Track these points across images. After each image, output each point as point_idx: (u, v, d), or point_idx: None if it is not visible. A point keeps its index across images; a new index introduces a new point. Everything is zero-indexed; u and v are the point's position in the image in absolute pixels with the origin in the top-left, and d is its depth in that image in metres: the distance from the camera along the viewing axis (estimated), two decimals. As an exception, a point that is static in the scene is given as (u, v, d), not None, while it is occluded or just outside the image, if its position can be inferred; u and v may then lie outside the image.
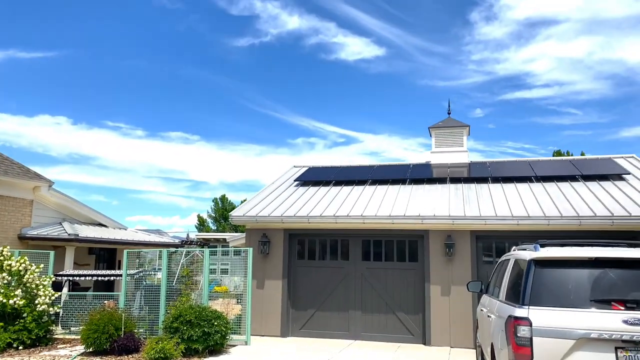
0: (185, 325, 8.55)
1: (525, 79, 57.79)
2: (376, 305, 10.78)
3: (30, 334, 10.05)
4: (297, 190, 12.82)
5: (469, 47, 57.19)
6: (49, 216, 13.92)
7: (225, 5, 59.01)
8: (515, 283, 5.00)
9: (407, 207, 10.77)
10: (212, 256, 32.97)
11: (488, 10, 54.31)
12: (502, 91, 59.58)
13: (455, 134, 14.29)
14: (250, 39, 62.34)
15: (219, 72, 66.08)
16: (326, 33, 60.06)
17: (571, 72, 57.12)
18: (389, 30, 57.22)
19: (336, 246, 11.26)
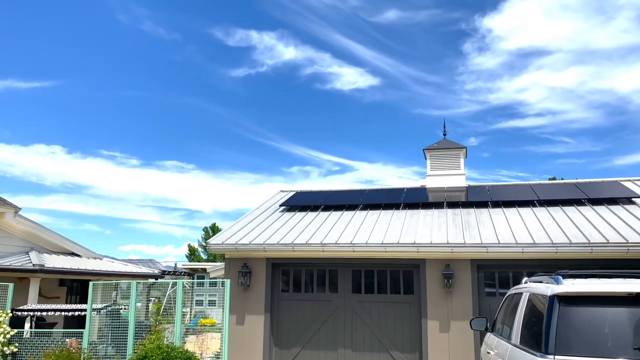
0: (151, 369, 7.54)
1: (518, 108, 57.91)
2: (368, 343, 9.81)
3: (-22, 377, 8.98)
4: (282, 216, 11.95)
5: (463, 77, 57.40)
6: (15, 245, 12.93)
7: (222, 36, 59.38)
8: (531, 323, 4.13)
9: (402, 234, 9.91)
10: (199, 287, 31.75)
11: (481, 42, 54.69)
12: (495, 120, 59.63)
13: (452, 155, 13.55)
14: (246, 69, 62.65)
15: (214, 102, 66.27)
16: (321, 63, 60.35)
17: (563, 102, 57.30)
18: (383, 61, 57.51)
19: (324, 277, 10.35)
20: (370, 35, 55.10)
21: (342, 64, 60.01)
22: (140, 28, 59.77)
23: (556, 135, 56.37)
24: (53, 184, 65.20)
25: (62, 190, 65.73)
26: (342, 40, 55.78)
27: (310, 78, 62.79)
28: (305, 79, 62.77)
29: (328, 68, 60.75)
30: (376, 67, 58.59)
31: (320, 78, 62.53)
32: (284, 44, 60.04)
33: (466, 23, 53.63)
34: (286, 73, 63.01)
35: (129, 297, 15.03)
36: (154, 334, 8.99)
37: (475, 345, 9.07)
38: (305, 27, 56.68)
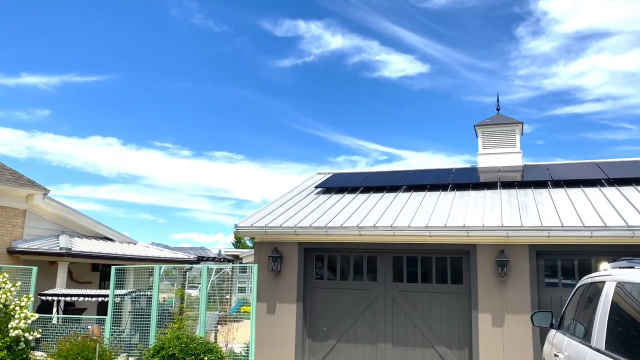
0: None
1: (575, 93, 54.77)
2: (411, 337, 8.88)
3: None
4: (317, 199, 11.12)
5: (516, 62, 54.73)
6: (46, 228, 12.72)
7: (270, 27, 59.25)
8: (623, 322, 3.12)
9: (449, 217, 8.89)
10: (242, 274, 31.52)
11: (535, 25, 51.85)
12: (550, 106, 56.67)
13: (506, 132, 12.32)
14: (293, 59, 62.58)
15: (262, 92, 66.68)
16: (369, 51, 59.24)
17: (625, 86, 53.69)
18: (433, 47, 55.69)
19: (361, 264, 9.46)
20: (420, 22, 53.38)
21: (390, 52, 58.59)
22: (191, 21, 60.50)
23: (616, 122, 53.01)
24: (109, 174, 67.95)
25: (117, 180, 68.53)
26: (390, 27, 54.32)
27: (358, 66, 61.83)
28: (352, 67, 61.86)
29: (376, 56, 59.55)
30: (426, 53, 56.84)
31: (367, 66, 61.41)
32: (331, 32, 59.21)
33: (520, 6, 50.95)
34: (333, 62, 62.35)
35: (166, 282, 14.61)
36: (177, 322, 8.39)
37: (535, 343, 8.00)
38: (353, 15, 55.54)
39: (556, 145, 56.80)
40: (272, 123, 68.60)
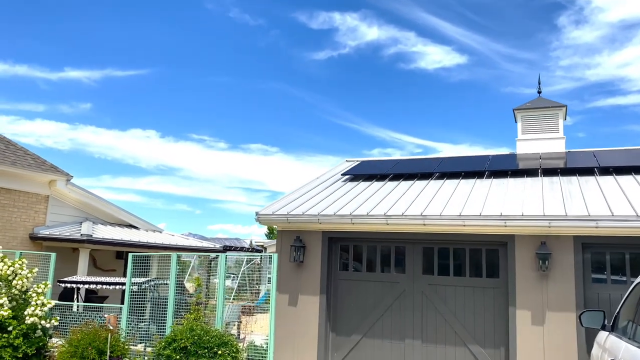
0: (179, 353, 6.53)
1: (620, 84, 52.34)
2: (442, 333, 8.28)
3: (15, 351, 8.52)
4: (344, 186, 10.58)
5: (557, 53, 52.67)
6: (70, 214, 12.62)
7: (305, 19, 59.00)
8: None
9: (485, 205, 8.22)
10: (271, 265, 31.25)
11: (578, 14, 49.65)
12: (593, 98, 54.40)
13: (548, 116, 11.48)
14: (329, 51, 62.34)
15: (297, 85, 66.86)
16: (405, 42, 58.27)
17: (674, 74, 50.99)
18: (471, 38, 54.21)
19: (389, 255, 8.89)
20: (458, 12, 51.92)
21: (427, 43, 57.42)
22: (228, 15, 60.91)
23: (663, 113, 50.42)
24: (148, 166, 69.90)
25: (156, 172, 70.51)
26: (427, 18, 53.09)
27: (394, 58, 60.95)
28: (388, 59, 61.02)
29: (412, 47, 58.51)
30: (463, 44, 55.40)
31: (403, 58, 60.45)
32: (367, 24, 58.44)
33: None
34: (369, 54, 61.69)
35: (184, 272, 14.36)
36: (193, 312, 8.03)
37: (579, 344, 7.29)
38: (389, 6, 54.51)
39: (599, 137, 54.60)
40: (306, 115, 68.75)
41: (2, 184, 10.85)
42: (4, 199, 10.89)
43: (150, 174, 70.74)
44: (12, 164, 10.83)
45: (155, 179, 71.26)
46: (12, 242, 11.03)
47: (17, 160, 11.13)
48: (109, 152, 66.62)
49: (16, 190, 11.19)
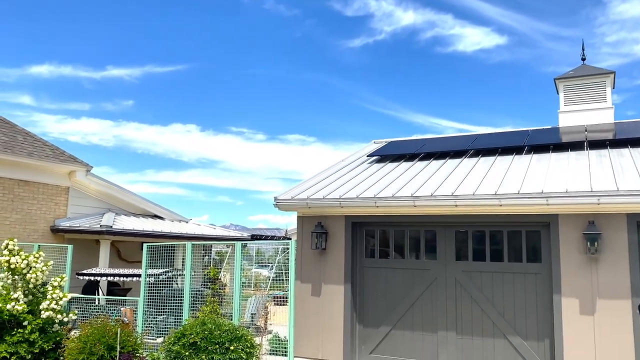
0: (188, 349, 6.09)
1: (671, 59, 49.28)
2: (478, 324, 7.58)
3: (31, 346, 8.32)
4: (369, 168, 9.94)
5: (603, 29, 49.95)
6: (92, 206, 12.45)
7: (340, 7, 58.32)
8: None
9: (524, 182, 7.44)
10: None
11: (624, -16, 46.91)
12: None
13: (594, 84, 10.49)
14: (364, 38, 61.65)
15: (334, 74, 66.66)
16: (442, 26, 56.76)
17: None
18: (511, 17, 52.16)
19: (418, 240, 8.22)
20: (497, -9, 49.96)
21: (465, 25, 55.69)
22: (262, 7, 60.87)
23: None
24: (189, 160, 71.80)
25: (197, 165, 72.43)
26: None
27: (431, 42, 59.56)
28: (425, 43, 59.66)
29: (450, 30, 56.93)
30: (503, 25, 53.39)
31: (441, 41, 58.96)
32: (403, 8, 57.12)
33: (607, -37, 46.16)
34: (405, 39, 60.51)
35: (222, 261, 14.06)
36: (208, 305, 7.60)
37: (638, 336, 6.48)
38: (426, -12, 52.93)
39: (649, 115, 51.59)
40: (343, 104, 68.44)
41: (20, 175, 10.72)
42: (23, 191, 10.76)
43: (191, 167, 72.85)
44: (28, 155, 10.67)
45: (197, 172, 73.45)
46: (33, 235, 10.92)
47: (35, 151, 10.97)
48: (152, 147, 68.96)
49: (35, 182, 11.05)
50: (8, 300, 8.33)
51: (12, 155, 10.30)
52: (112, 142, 69.15)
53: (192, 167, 73.01)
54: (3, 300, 8.32)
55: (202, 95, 69.10)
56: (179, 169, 72.50)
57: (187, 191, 72.29)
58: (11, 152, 10.32)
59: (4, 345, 8.18)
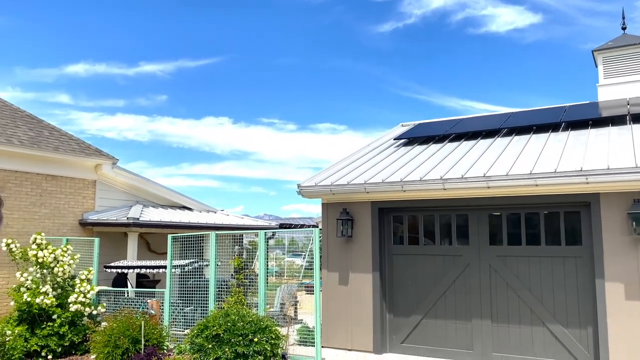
0: (211, 341, 5.95)
1: None
2: (515, 312, 7.22)
3: (61, 339, 8.37)
4: (397, 152, 9.59)
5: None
6: (120, 199, 12.50)
7: None
8: None
9: (561, 160, 6.99)
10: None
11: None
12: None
13: (636, 54, 9.82)
14: (393, 22, 60.76)
15: (363, 60, 66.17)
16: (474, 6, 55.31)
17: None
18: None
19: (449, 225, 7.88)
20: (529, -32, 48.25)
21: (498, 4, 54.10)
22: None
23: None
24: (223, 152, 73.28)
25: (230, 157, 73.97)
26: (497, -22, 49.80)
27: (462, 24, 58.18)
28: (456, 25, 58.31)
29: (482, 10, 55.43)
30: (537, 2, 51.55)
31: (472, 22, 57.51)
32: (433, -11, 55.87)
33: None
34: (435, 22, 59.30)
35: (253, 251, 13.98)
36: (233, 295, 7.46)
37: (689, 323, 6.01)
38: (454, -31, 51.62)
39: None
40: (374, 90, 67.85)
41: (48, 170, 10.80)
42: (50, 185, 10.84)
43: (225, 159, 74.30)
44: (55, 149, 10.73)
45: (230, 164, 74.96)
46: (62, 229, 11.02)
47: (60, 145, 11.04)
48: (186, 141, 70.58)
49: (62, 177, 11.13)
50: (37, 294, 8.39)
51: (39, 150, 10.39)
52: (147, 137, 70.83)
53: (226, 159, 74.24)
54: (32, 294, 8.39)
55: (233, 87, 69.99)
56: (213, 161, 73.85)
57: (222, 183, 73.54)
58: (37, 147, 10.40)
59: (35, 338, 8.27)
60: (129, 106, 70.77)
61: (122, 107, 70.56)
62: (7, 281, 10.10)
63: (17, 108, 11.88)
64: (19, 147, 10.12)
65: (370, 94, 70.10)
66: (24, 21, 53.02)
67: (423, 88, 65.33)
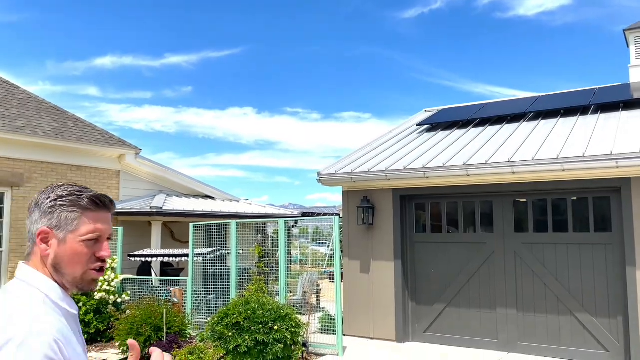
0: (232, 329, 5.96)
1: None
2: (541, 301, 7.04)
3: (87, 327, 8.50)
4: (419, 138, 9.43)
5: None
6: (143, 188, 12.63)
7: None
8: None
9: (590, 144, 6.76)
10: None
11: None
12: None
13: (671, 32, 9.41)
14: (419, 8, 60.00)
15: (388, 47, 65.79)
16: None
17: None
18: None
19: (473, 212, 7.72)
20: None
21: (526, -14, 52.78)
22: None
23: None
24: (248, 142, 74.08)
25: (255, 147, 74.69)
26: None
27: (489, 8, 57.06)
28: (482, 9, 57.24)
29: (510, -7, 54.17)
30: (567, -18, 50.11)
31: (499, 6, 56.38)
32: (458, -27, 54.84)
33: None
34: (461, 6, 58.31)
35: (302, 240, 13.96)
36: (255, 283, 7.46)
37: None
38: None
39: None
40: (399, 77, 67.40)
41: (72, 161, 10.96)
42: (75, 176, 11.01)
43: (250, 149, 75.36)
44: (78, 140, 10.88)
45: (256, 153, 76.06)
46: (87, 219, 11.19)
47: (84, 136, 11.18)
48: (212, 131, 71.87)
49: (87, 167, 11.29)
50: (63, 283, 8.54)
51: (63, 140, 10.54)
52: (173, 129, 72.14)
53: (251, 149, 75.30)
54: (58, 283, 8.54)
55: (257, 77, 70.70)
56: (239, 151, 74.98)
57: (247, 173, 74.55)
58: (62, 138, 10.55)
59: (62, 326, 8.43)
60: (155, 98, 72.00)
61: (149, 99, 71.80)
62: (35, 270, 10.31)
63: (42, 100, 12.06)
64: (43, 138, 10.28)
65: (396, 81, 69.64)
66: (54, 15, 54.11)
67: (449, 74, 64.54)
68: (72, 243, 1.32)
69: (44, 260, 1.32)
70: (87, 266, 1.33)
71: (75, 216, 1.33)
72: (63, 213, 1.32)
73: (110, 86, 68.37)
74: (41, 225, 1.32)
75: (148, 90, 69.75)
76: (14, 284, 1.30)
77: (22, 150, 10.12)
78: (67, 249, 1.31)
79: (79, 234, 1.32)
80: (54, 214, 1.32)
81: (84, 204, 1.34)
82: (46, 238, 1.32)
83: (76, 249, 1.31)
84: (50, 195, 1.35)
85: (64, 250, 1.31)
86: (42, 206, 1.34)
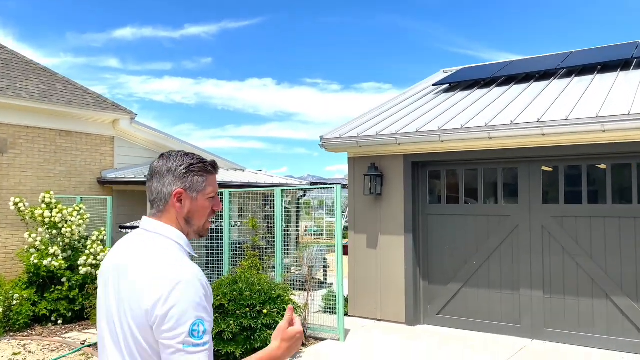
0: (215, 313, 5.23)
1: None
2: (572, 281, 6.19)
3: (71, 304, 7.95)
4: (435, 99, 8.49)
5: None
6: (140, 156, 11.93)
7: None
8: None
9: (635, 101, 5.77)
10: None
11: None
12: None
13: None
14: None
15: (409, 16, 64.12)
16: None
17: None
18: None
19: (495, 181, 6.82)
20: None
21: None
22: None
23: None
24: (267, 113, 74.10)
25: (274, 118, 74.79)
26: None
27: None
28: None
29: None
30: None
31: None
32: None
33: None
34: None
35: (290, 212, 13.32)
36: (248, 259, 6.74)
37: None
38: None
39: None
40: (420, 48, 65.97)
41: (61, 126, 10.28)
42: (65, 142, 10.34)
43: (269, 120, 75.44)
44: (67, 103, 10.16)
45: (275, 125, 76.22)
46: (80, 188, 10.56)
47: (74, 99, 10.46)
48: (231, 102, 71.94)
49: (77, 132, 10.60)
50: (45, 256, 7.94)
51: (50, 104, 9.84)
52: (193, 100, 72.11)
53: (270, 120, 75.14)
54: (40, 256, 7.94)
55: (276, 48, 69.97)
56: (258, 123, 74.93)
57: (266, 144, 74.64)
58: (48, 101, 9.85)
59: (44, 302, 7.87)
60: (175, 69, 71.75)
61: (169, 70, 71.58)
62: (22, 242, 9.76)
63: (30, 60, 11.33)
64: (27, 101, 9.58)
65: (416, 51, 68.17)
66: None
67: (471, 43, 62.68)
68: (201, 200, 1.63)
69: (178, 215, 1.60)
70: (207, 217, 1.67)
71: (203, 180, 1.63)
72: (195, 177, 1.62)
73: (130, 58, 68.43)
74: (176, 187, 1.60)
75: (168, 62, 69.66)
76: (150, 237, 1.56)
77: (5, 114, 9.44)
78: (197, 205, 1.63)
79: (206, 193, 1.64)
80: (187, 178, 1.61)
81: (208, 169, 1.65)
82: (180, 197, 1.60)
83: (203, 204, 1.64)
84: (182, 163, 1.61)
85: (195, 206, 1.62)
86: (176, 172, 1.61)
